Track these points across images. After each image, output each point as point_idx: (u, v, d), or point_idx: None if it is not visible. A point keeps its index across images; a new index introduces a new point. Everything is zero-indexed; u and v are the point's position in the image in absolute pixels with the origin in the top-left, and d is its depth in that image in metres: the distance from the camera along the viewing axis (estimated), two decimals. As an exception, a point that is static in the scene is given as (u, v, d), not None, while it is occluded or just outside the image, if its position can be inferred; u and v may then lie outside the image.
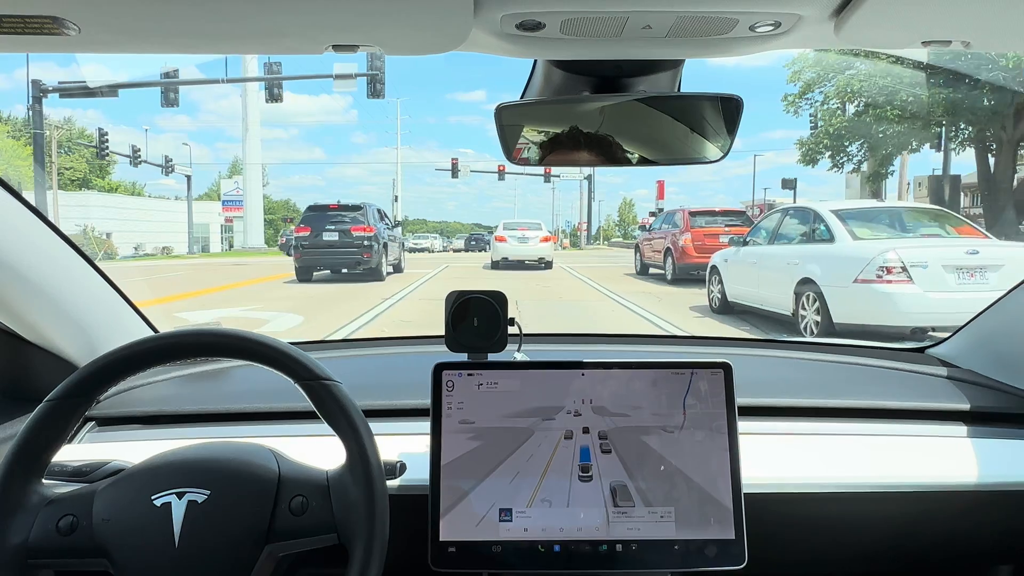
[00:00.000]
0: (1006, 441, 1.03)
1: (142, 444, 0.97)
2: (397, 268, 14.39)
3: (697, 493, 0.84)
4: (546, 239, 15.54)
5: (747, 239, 7.60)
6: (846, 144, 19.61)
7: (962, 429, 1.06)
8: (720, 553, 0.83)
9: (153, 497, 0.70)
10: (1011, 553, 1.06)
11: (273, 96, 19.37)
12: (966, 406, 1.09)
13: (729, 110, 0.83)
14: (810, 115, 19.97)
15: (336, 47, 0.68)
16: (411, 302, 9.16)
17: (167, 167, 27.74)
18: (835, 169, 20.50)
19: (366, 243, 12.29)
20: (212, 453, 0.76)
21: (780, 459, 0.99)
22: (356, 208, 12.92)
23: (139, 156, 24.15)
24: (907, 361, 1.31)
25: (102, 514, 0.70)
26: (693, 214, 11.28)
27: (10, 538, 0.67)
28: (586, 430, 0.86)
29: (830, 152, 19.92)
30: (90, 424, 1.07)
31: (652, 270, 12.92)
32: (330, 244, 12.38)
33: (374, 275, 12.40)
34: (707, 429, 0.86)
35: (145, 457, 0.76)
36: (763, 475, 0.94)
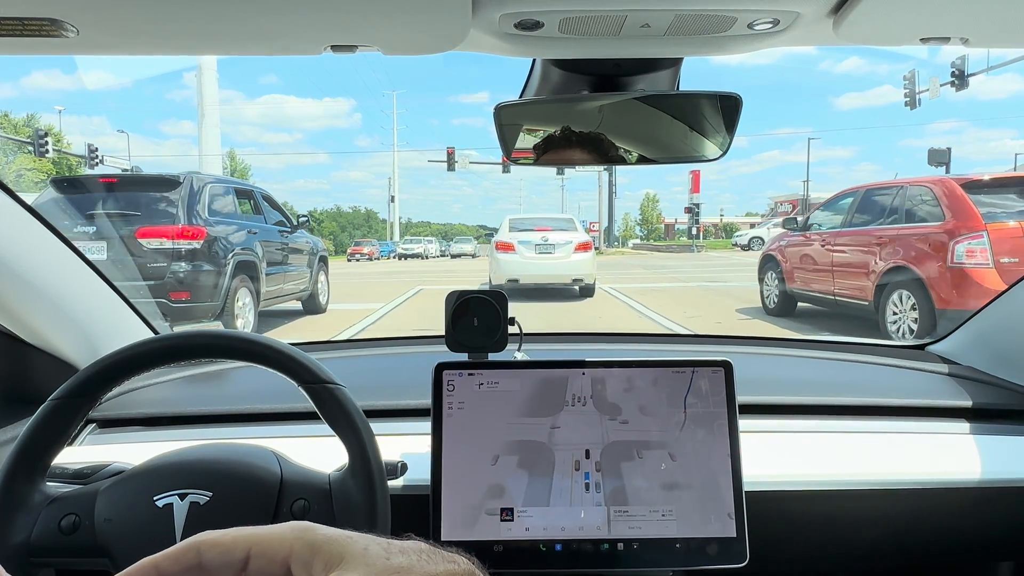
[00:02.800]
0: (1007, 438, 1.03)
1: (143, 446, 0.97)
2: (311, 307, 7.82)
3: (698, 491, 0.84)
4: (584, 246, 9.61)
5: None
6: None
7: (963, 426, 1.06)
8: (722, 551, 0.82)
9: (155, 498, 0.70)
10: (1012, 549, 1.06)
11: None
12: (967, 403, 1.09)
13: (728, 108, 0.83)
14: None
15: (334, 47, 0.68)
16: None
17: (91, 158, 19.66)
18: None
19: (182, 267, 5.41)
20: (214, 454, 0.76)
21: (781, 457, 0.99)
22: (164, 184, 5.66)
23: (45, 145, 18.48)
24: (907, 358, 1.31)
25: (104, 514, 0.70)
26: (972, 188, 4.86)
27: (12, 536, 0.67)
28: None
29: None
30: (91, 426, 1.07)
31: (802, 304, 6.96)
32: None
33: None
34: (708, 428, 0.85)
35: (146, 459, 0.76)
36: (764, 473, 0.94)
